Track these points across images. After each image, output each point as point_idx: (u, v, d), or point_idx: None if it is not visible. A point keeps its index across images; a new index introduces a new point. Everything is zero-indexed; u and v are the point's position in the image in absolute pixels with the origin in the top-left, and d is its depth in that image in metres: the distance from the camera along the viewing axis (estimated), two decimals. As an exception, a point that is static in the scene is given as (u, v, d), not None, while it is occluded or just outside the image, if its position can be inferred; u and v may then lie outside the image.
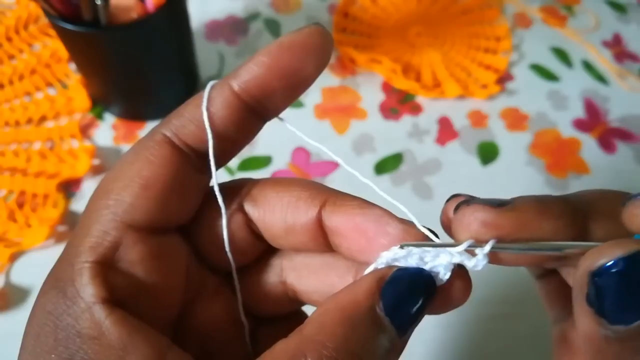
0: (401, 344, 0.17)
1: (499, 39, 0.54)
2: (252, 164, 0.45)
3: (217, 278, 0.21)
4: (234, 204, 0.19)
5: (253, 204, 0.19)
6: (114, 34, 0.40)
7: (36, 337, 0.16)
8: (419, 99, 0.50)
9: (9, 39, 0.52)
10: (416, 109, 0.49)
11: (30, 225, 0.41)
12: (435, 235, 0.18)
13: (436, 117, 0.49)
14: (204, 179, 0.19)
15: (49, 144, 0.46)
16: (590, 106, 0.50)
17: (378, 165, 0.45)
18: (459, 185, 0.44)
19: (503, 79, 0.52)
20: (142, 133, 0.47)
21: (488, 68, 0.52)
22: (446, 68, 0.52)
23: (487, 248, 0.16)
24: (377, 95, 0.50)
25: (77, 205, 0.43)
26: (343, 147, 0.46)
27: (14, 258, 0.40)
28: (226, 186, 0.20)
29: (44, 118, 0.47)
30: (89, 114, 0.48)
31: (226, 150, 0.19)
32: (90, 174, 0.44)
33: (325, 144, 0.20)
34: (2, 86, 0.49)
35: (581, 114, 0.50)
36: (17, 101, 0.48)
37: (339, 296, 0.17)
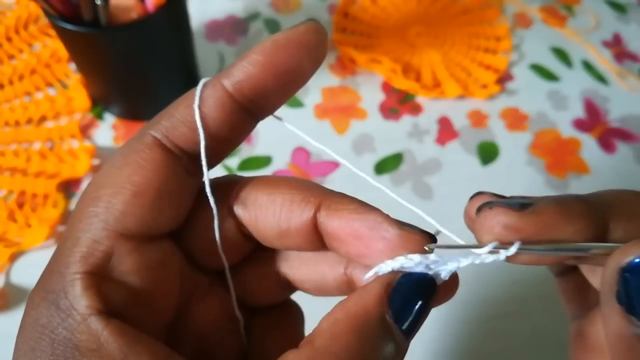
0: (406, 347, 0.17)
1: (499, 39, 0.54)
2: (252, 164, 0.45)
3: (208, 277, 0.20)
4: (224, 206, 0.19)
5: (243, 206, 0.19)
6: (114, 34, 0.40)
7: (32, 352, 0.16)
8: (419, 99, 0.50)
9: (9, 39, 0.52)
10: (416, 109, 0.49)
11: (30, 225, 0.41)
12: (435, 238, 0.18)
13: (436, 117, 0.49)
14: (196, 181, 0.19)
15: (49, 144, 0.46)
16: (590, 106, 0.50)
17: (378, 165, 0.45)
18: (459, 185, 0.44)
19: (503, 79, 0.52)
20: (142, 133, 0.47)
21: (488, 68, 0.52)
22: (446, 68, 0.52)
23: (513, 250, 0.16)
24: (377, 95, 0.50)
25: (77, 205, 0.43)
26: (343, 147, 0.46)
27: (14, 258, 0.40)
28: (215, 186, 0.19)
29: (44, 118, 0.47)
30: (89, 114, 0.48)
31: (218, 151, 0.19)
32: (90, 174, 0.44)
33: (325, 144, 0.20)
34: (2, 86, 0.49)
35: (581, 114, 0.50)
36: (17, 101, 0.48)
37: (348, 305, 0.16)
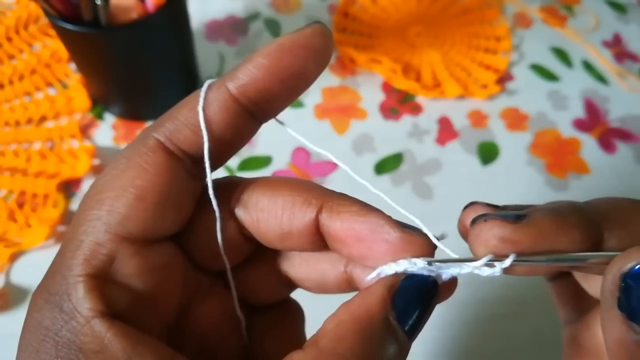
0: (408, 347, 0.17)
1: (499, 39, 0.54)
2: (252, 164, 0.45)
3: (209, 277, 0.20)
4: (225, 209, 0.19)
5: (245, 209, 0.19)
6: (114, 34, 0.40)
7: (36, 354, 0.16)
8: (419, 99, 0.50)
9: (9, 39, 0.52)
10: (416, 109, 0.49)
11: (30, 225, 0.41)
12: (437, 239, 0.18)
13: (436, 117, 0.49)
14: (198, 183, 0.19)
15: (49, 144, 0.46)
16: (590, 106, 0.50)
17: (378, 165, 0.45)
18: (459, 185, 0.44)
19: (503, 79, 0.52)
20: (142, 133, 0.47)
21: (488, 68, 0.52)
22: (446, 68, 0.52)
23: (508, 262, 0.16)
24: (377, 95, 0.50)
25: (77, 205, 0.43)
26: (343, 147, 0.46)
27: (14, 258, 0.40)
28: (216, 187, 0.19)
29: (44, 118, 0.47)
30: (89, 114, 0.48)
31: (222, 154, 0.19)
32: (90, 174, 0.44)
33: (325, 144, 0.20)
34: (2, 86, 0.49)
35: (581, 114, 0.50)
36: (17, 101, 0.48)
37: (352, 307, 0.16)
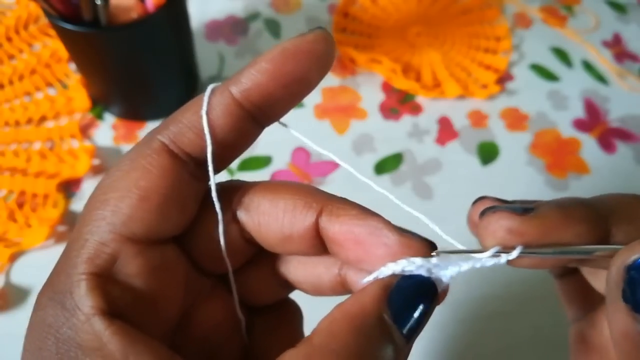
0: (407, 350, 0.17)
1: (499, 39, 0.54)
2: (252, 164, 0.45)
3: (211, 280, 0.21)
4: (227, 212, 0.19)
5: (246, 212, 0.19)
6: (114, 34, 0.40)
7: (38, 351, 0.16)
8: (419, 99, 0.50)
9: (9, 39, 0.52)
10: (416, 109, 0.49)
11: (30, 225, 0.41)
12: (435, 245, 0.18)
13: (436, 117, 0.49)
14: (201, 186, 0.19)
15: (49, 144, 0.46)
16: (590, 106, 0.50)
17: (378, 165, 0.45)
18: (459, 185, 0.44)
19: (503, 79, 0.52)
20: (142, 133, 0.47)
21: (488, 68, 0.52)
22: (446, 68, 0.52)
23: (515, 254, 0.17)
24: (377, 95, 0.50)
25: (77, 205, 0.43)
26: (343, 147, 0.46)
27: (14, 258, 0.40)
28: (218, 191, 0.19)
29: (44, 118, 0.47)
30: (89, 114, 0.48)
31: (225, 157, 0.19)
32: (90, 174, 0.44)
33: (325, 144, 0.20)
34: (2, 86, 0.49)
35: (581, 114, 0.50)
36: (17, 101, 0.48)
37: (346, 306, 0.17)
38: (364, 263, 0.18)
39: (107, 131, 0.47)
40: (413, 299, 0.17)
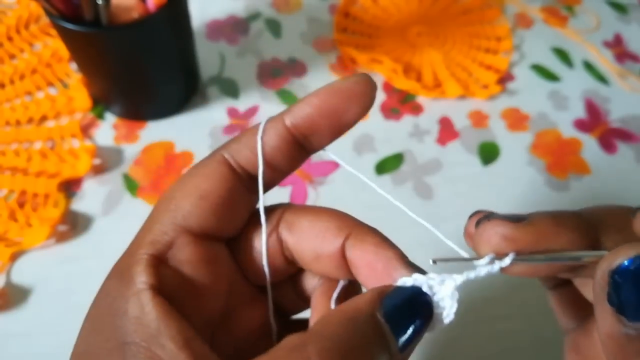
0: (402, 357, 0.17)
1: (499, 39, 0.54)
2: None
3: (254, 288, 0.23)
4: (271, 228, 0.22)
5: (288, 230, 0.21)
6: (115, 33, 0.40)
7: (94, 317, 0.19)
8: (419, 99, 0.50)
9: (10, 39, 0.53)
10: (417, 109, 0.49)
11: (31, 225, 0.41)
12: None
13: (437, 117, 0.49)
14: (253, 198, 0.22)
15: (49, 144, 0.46)
16: (591, 106, 0.50)
17: (379, 165, 0.45)
18: (459, 185, 0.44)
19: (504, 79, 0.52)
20: (143, 133, 0.47)
21: (489, 68, 0.52)
22: (447, 68, 0.52)
23: (507, 261, 0.18)
24: (378, 95, 0.50)
25: (78, 205, 0.43)
26: (344, 147, 0.46)
27: (14, 258, 0.40)
28: (269, 209, 0.22)
29: (45, 117, 0.47)
30: (90, 114, 0.48)
31: (274, 177, 0.22)
32: (91, 173, 0.44)
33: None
34: (3, 85, 0.49)
35: (582, 114, 0.50)
36: (18, 100, 0.48)
37: (343, 304, 0.18)
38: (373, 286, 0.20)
39: (108, 131, 0.47)
40: (407, 305, 0.18)
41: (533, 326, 0.38)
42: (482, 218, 0.19)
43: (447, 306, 0.18)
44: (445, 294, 0.18)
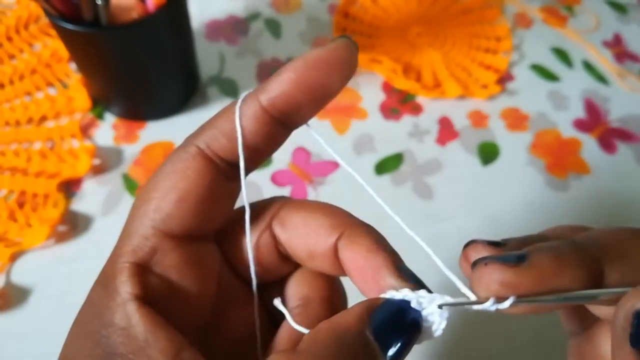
0: None
1: (499, 39, 0.54)
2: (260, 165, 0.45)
3: (246, 287, 0.22)
4: (264, 224, 0.21)
5: (281, 226, 0.21)
6: (114, 34, 0.40)
7: (80, 324, 0.19)
8: (419, 99, 0.50)
9: (10, 39, 0.53)
10: (416, 109, 0.49)
11: (30, 225, 0.41)
12: (429, 291, 0.18)
13: (436, 117, 0.49)
14: (235, 186, 0.20)
15: (49, 144, 0.46)
16: (590, 106, 0.50)
17: (378, 166, 0.45)
18: (459, 185, 0.44)
19: (503, 79, 0.52)
20: (143, 133, 0.47)
21: (488, 68, 0.52)
22: (446, 68, 0.52)
23: (507, 304, 0.17)
24: (378, 95, 0.50)
25: (78, 205, 0.43)
26: (343, 147, 0.46)
27: (14, 258, 0.40)
28: (259, 204, 0.21)
29: (45, 118, 0.47)
30: (90, 114, 0.48)
31: (255, 159, 0.20)
32: (91, 173, 0.44)
33: (325, 144, 0.21)
34: (3, 86, 0.49)
35: (581, 114, 0.50)
36: (18, 101, 0.48)
37: (331, 320, 0.17)
38: (365, 293, 0.19)
39: (108, 131, 0.47)
40: (395, 320, 0.17)
41: (533, 326, 0.38)
42: (478, 261, 0.17)
43: (436, 322, 0.18)
44: (435, 310, 0.18)
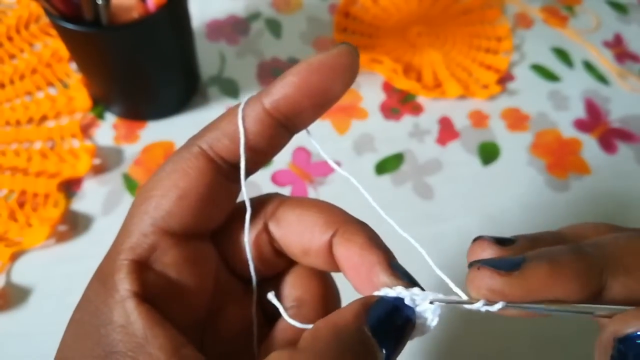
0: None
1: (500, 39, 0.54)
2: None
3: (242, 284, 0.22)
4: (260, 221, 0.21)
5: (276, 223, 0.21)
6: (115, 33, 0.40)
7: (78, 322, 0.19)
8: (419, 99, 0.50)
9: (10, 39, 0.53)
10: (417, 109, 0.49)
11: (31, 225, 0.41)
12: (421, 288, 0.19)
13: (437, 117, 0.49)
14: (235, 187, 0.21)
15: (49, 144, 0.46)
16: (591, 106, 0.50)
17: (379, 166, 0.45)
18: (459, 185, 0.44)
19: (504, 79, 0.52)
20: (143, 133, 0.47)
21: (489, 68, 0.52)
22: (447, 68, 0.52)
23: (496, 308, 0.17)
24: (378, 95, 0.50)
25: (78, 204, 0.43)
26: (344, 147, 0.46)
27: (14, 258, 0.40)
28: (255, 201, 0.21)
29: (45, 117, 0.47)
30: (90, 114, 0.48)
31: (256, 162, 0.20)
32: (91, 173, 0.44)
33: (326, 144, 0.21)
34: (3, 85, 0.49)
35: (582, 114, 0.50)
36: (18, 100, 0.48)
37: (329, 317, 0.18)
38: (359, 290, 0.20)
39: (108, 131, 0.47)
40: (390, 316, 0.18)
41: (533, 326, 0.38)
42: (473, 263, 0.18)
43: (429, 318, 0.18)
44: (427, 307, 0.18)
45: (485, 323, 0.38)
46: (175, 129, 0.47)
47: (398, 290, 0.18)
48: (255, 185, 0.43)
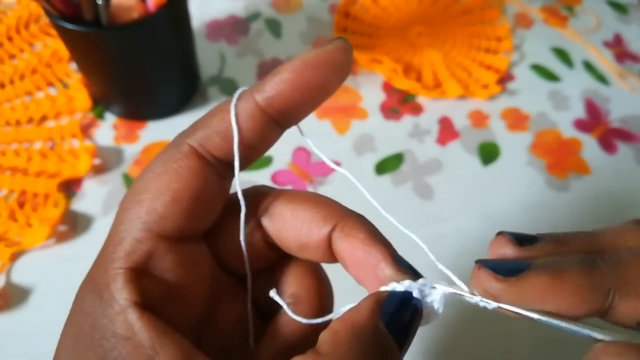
0: (399, 356, 0.18)
1: (499, 39, 0.54)
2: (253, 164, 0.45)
3: (236, 281, 0.22)
4: (252, 217, 0.21)
5: (269, 218, 0.20)
6: (115, 33, 0.40)
7: (75, 337, 0.17)
8: (419, 99, 0.50)
9: (10, 39, 0.53)
10: (417, 109, 0.49)
11: (31, 225, 0.41)
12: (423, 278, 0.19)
13: (437, 117, 0.49)
14: (227, 184, 0.20)
15: (49, 144, 0.46)
16: (591, 106, 0.50)
17: (379, 166, 0.45)
18: (459, 185, 0.44)
19: (504, 79, 0.52)
20: (143, 133, 0.47)
21: (489, 68, 0.52)
22: (447, 68, 0.52)
23: (490, 307, 0.18)
24: (378, 95, 0.50)
25: (78, 205, 0.43)
26: (344, 147, 0.46)
27: (14, 258, 0.40)
28: (245, 195, 0.21)
29: (45, 117, 0.47)
30: (90, 114, 0.48)
31: (249, 157, 0.20)
32: (91, 173, 0.44)
33: (326, 144, 0.21)
34: (3, 85, 0.49)
35: (582, 114, 0.50)
36: (18, 100, 0.48)
37: (345, 319, 0.18)
38: (362, 284, 0.20)
39: (108, 131, 0.47)
40: (401, 310, 0.18)
41: (533, 326, 0.38)
42: (479, 261, 0.18)
43: (435, 307, 0.19)
44: (435, 298, 0.19)
45: (486, 323, 0.38)
46: (175, 129, 0.46)
47: (406, 285, 0.18)
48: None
